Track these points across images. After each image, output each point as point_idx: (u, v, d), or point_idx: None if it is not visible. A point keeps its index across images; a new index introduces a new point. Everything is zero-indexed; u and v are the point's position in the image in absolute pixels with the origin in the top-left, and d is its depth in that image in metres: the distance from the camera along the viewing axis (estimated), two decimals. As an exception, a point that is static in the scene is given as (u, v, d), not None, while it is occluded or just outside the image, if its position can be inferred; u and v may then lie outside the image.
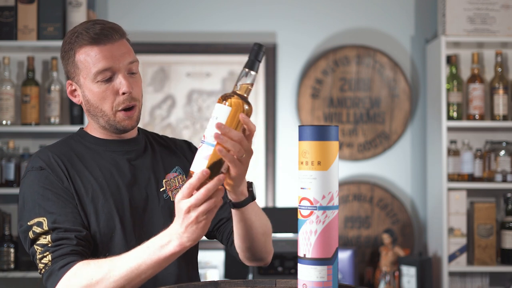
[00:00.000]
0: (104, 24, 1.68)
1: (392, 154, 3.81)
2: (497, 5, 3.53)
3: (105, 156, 1.72)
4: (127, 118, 1.68)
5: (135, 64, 1.70)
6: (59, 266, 1.51)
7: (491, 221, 3.51)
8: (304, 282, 1.33)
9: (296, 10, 3.81)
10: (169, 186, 1.76)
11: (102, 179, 1.67)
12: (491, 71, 3.68)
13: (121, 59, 1.66)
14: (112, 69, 1.65)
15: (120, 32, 1.70)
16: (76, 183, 1.64)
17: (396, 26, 3.82)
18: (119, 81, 1.66)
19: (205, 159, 1.37)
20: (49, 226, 1.56)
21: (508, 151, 3.55)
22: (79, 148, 1.72)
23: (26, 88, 3.46)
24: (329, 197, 1.33)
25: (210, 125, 1.39)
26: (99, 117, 1.69)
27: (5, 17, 3.43)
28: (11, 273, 3.36)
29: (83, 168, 1.67)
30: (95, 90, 1.67)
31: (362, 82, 3.78)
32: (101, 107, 1.67)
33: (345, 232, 3.74)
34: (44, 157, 1.66)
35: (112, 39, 1.67)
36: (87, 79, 1.68)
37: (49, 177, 1.62)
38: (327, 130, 1.33)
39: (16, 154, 3.47)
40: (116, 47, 1.67)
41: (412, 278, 3.47)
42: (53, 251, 1.54)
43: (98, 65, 1.65)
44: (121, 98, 1.66)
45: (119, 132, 1.72)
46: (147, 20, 3.78)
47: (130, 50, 1.71)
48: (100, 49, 1.66)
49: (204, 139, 1.38)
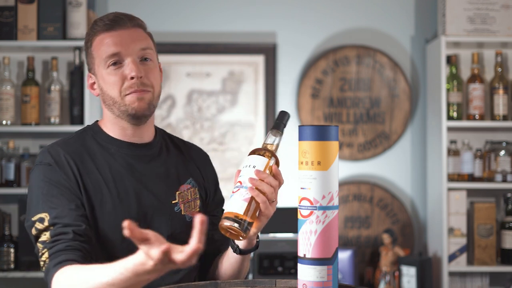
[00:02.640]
0: (119, 13, 1.70)
1: (392, 154, 3.82)
2: (497, 5, 3.53)
3: (117, 158, 1.69)
4: (136, 98, 1.64)
5: (149, 52, 1.68)
6: (53, 264, 1.50)
7: (491, 221, 3.51)
8: (304, 282, 1.33)
9: (296, 10, 3.81)
10: (182, 198, 1.74)
11: (112, 183, 1.65)
12: (491, 71, 3.68)
13: (131, 45, 1.65)
14: (121, 54, 1.65)
15: (133, 21, 1.70)
16: (87, 184, 1.63)
17: (396, 26, 3.82)
18: (127, 66, 1.64)
19: (245, 201, 1.49)
20: (50, 222, 1.56)
21: (508, 151, 3.55)
22: (92, 145, 1.69)
23: (26, 88, 3.46)
24: (329, 197, 1.33)
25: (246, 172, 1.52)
26: (112, 106, 1.67)
27: (5, 17, 3.43)
28: (11, 273, 3.36)
29: (93, 169, 1.65)
30: (105, 77, 1.66)
31: (362, 82, 3.78)
32: (110, 93, 1.65)
33: (345, 232, 3.74)
34: (54, 153, 1.64)
35: (123, 25, 1.67)
36: (100, 67, 1.67)
37: (56, 174, 1.61)
38: (327, 130, 1.33)
39: (16, 154, 3.47)
40: (127, 33, 1.67)
41: (412, 278, 3.47)
42: (50, 247, 1.53)
43: (107, 51, 1.65)
44: (128, 83, 1.64)
45: (134, 119, 1.67)
46: (147, 20, 3.74)
47: (145, 38, 1.70)
48: (111, 35, 1.66)
49: (241, 185, 1.51)
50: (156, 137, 1.77)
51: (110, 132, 1.71)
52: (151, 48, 1.69)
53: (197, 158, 1.83)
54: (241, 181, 1.51)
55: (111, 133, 1.71)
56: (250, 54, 3.75)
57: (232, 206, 1.50)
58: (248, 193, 1.49)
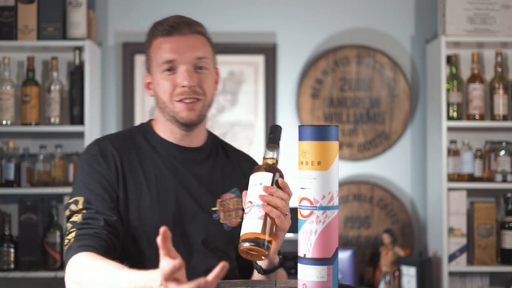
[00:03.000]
0: (179, 18, 1.72)
1: (392, 154, 3.81)
2: (497, 5, 3.53)
3: (163, 158, 1.72)
4: (185, 109, 1.67)
5: (205, 61, 1.69)
6: (76, 245, 1.54)
7: (491, 221, 3.51)
8: (304, 282, 1.33)
9: (296, 10, 3.81)
10: (223, 207, 1.74)
11: (153, 182, 1.68)
12: (491, 71, 3.68)
13: (186, 53, 1.67)
14: (176, 61, 1.67)
15: (193, 27, 1.71)
16: (128, 180, 1.67)
17: (396, 26, 3.82)
18: (180, 74, 1.67)
19: (260, 219, 1.47)
20: (83, 205, 1.61)
21: (508, 151, 3.55)
22: (141, 143, 1.73)
23: (26, 88, 3.46)
24: (329, 197, 1.33)
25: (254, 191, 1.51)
26: (163, 109, 1.70)
27: (5, 17, 3.43)
28: (11, 273, 3.36)
29: (138, 166, 1.69)
30: (159, 81, 1.69)
31: (362, 82, 3.78)
32: (162, 97, 1.69)
33: (345, 232, 3.74)
34: (102, 145, 1.70)
35: (181, 32, 1.69)
36: (155, 70, 1.70)
37: (98, 164, 1.66)
38: (327, 130, 1.33)
39: (16, 154, 3.47)
40: (184, 40, 1.68)
41: (412, 278, 3.47)
42: (79, 228, 1.58)
43: (163, 56, 1.67)
44: (179, 90, 1.67)
45: (183, 126, 1.70)
46: (147, 20, 3.76)
47: (202, 45, 1.70)
48: (169, 40, 1.68)
49: (252, 204, 1.49)
50: (207, 142, 1.79)
51: (161, 132, 1.75)
52: (207, 57, 1.70)
53: (245, 168, 1.82)
54: (251, 201, 1.50)
55: (161, 134, 1.75)
56: (250, 54, 3.75)
57: (248, 227, 1.47)
58: (261, 211, 1.47)
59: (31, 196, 3.43)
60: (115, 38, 3.76)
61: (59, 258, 3.42)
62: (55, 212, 3.43)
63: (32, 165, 3.48)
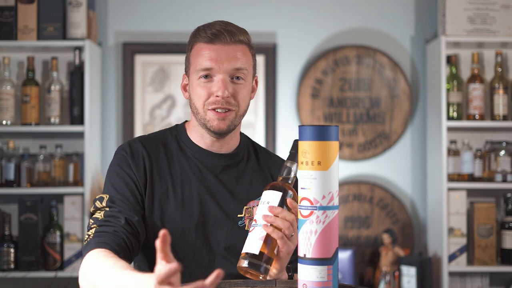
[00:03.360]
0: (224, 25, 1.70)
1: (392, 154, 3.82)
2: (497, 5, 3.53)
3: (191, 163, 1.73)
4: (217, 118, 1.68)
5: (243, 72, 1.70)
6: (94, 241, 1.56)
7: (491, 221, 3.51)
8: (304, 282, 1.33)
9: (296, 10, 3.81)
10: (249, 214, 1.74)
11: (179, 187, 1.69)
12: (491, 71, 3.68)
13: (225, 63, 1.67)
14: (213, 70, 1.68)
15: (236, 37, 1.70)
16: (155, 184, 1.69)
17: (396, 26, 3.82)
18: (216, 83, 1.68)
19: (260, 240, 1.47)
20: (107, 203, 1.64)
21: (508, 151, 3.55)
22: (172, 145, 1.75)
23: (26, 88, 3.46)
24: (329, 197, 1.33)
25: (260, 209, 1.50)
26: (195, 114, 1.72)
27: (5, 17, 3.43)
28: (11, 273, 3.36)
29: (166, 170, 1.71)
30: (195, 86, 1.70)
31: (362, 82, 3.78)
32: (196, 103, 1.70)
33: (345, 232, 3.74)
34: (133, 146, 1.72)
35: (223, 41, 1.68)
36: (193, 75, 1.71)
37: (127, 165, 1.69)
38: (327, 130, 1.33)
39: (16, 154, 3.47)
40: (225, 49, 1.68)
41: (412, 278, 3.47)
42: (99, 225, 1.61)
43: (202, 64, 1.68)
44: (213, 99, 1.68)
45: (213, 134, 1.71)
46: (147, 20, 3.78)
47: (242, 56, 1.70)
48: (209, 48, 1.69)
49: (256, 223, 1.49)
50: (238, 148, 1.79)
51: (192, 136, 1.76)
52: (246, 68, 1.71)
53: (274, 173, 1.82)
54: (256, 219, 1.49)
55: (193, 137, 1.76)
56: (250, 54, 3.75)
57: (248, 246, 1.48)
58: (263, 231, 1.47)
59: (31, 196, 3.43)
60: (115, 38, 3.76)
61: (59, 258, 3.42)
62: (55, 212, 3.43)
63: (32, 165, 3.48)
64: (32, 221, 3.39)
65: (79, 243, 3.42)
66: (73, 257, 3.42)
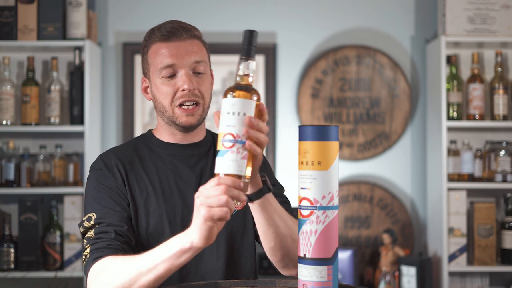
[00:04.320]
0: (177, 23, 1.74)
1: (392, 154, 3.82)
2: (497, 5, 3.53)
3: (165, 160, 1.77)
4: (185, 114, 1.72)
5: (203, 64, 1.74)
6: (92, 258, 1.59)
7: (491, 221, 3.51)
8: (304, 282, 1.33)
9: (296, 10, 3.81)
10: None
11: (158, 183, 1.73)
12: (491, 71, 3.68)
13: (185, 57, 1.71)
14: (176, 66, 1.71)
15: (190, 32, 1.74)
16: (133, 186, 1.72)
17: (396, 26, 3.82)
18: (180, 78, 1.71)
19: (244, 158, 1.36)
20: (95, 221, 1.66)
21: (508, 151, 3.55)
22: (143, 150, 1.79)
23: (26, 88, 3.46)
24: (329, 197, 1.33)
25: (236, 122, 1.35)
26: (162, 113, 1.75)
27: (5, 17, 3.43)
28: (11, 273, 3.36)
29: (141, 171, 1.74)
30: (159, 86, 1.73)
31: (362, 82, 3.78)
32: (162, 102, 1.73)
33: (345, 232, 3.74)
34: (105, 158, 1.75)
35: (180, 37, 1.72)
36: (154, 75, 1.74)
37: (105, 178, 1.71)
38: (327, 130, 1.33)
39: (16, 154, 3.47)
40: (183, 45, 1.72)
41: (412, 278, 3.47)
42: (92, 243, 1.63)
43: (163, 62, 1.71)
44: (180, 94, 1.71)
45: (183, 129, 1.75)
46: (147, 20, 3.78)
47: (200, 50, 1.75)
48: (167, 46, 1.72)
49: (235, 139, 1.35)
50: (206, 137, 1.84)
51: (162, 137, 1.80)
52: (204, 61, 1.75)
53: None
54: (233, 134, 1.35)
55: (162, 138, 1.80)
56: (250, 54, 3.75)
57: (232, 167, 1.35)
58: (245, 149, 1.36)
59: (31, 196, 3.43)
60: (115, 38, 3.76)
61: (59, 258, 3.42)
62: (55, 212, 3.43)
63: (32, 165, 3.48)
64: (32, 221, 3.39)
65: (79, 243, 3.42)
66: (73, 257, 3.42)
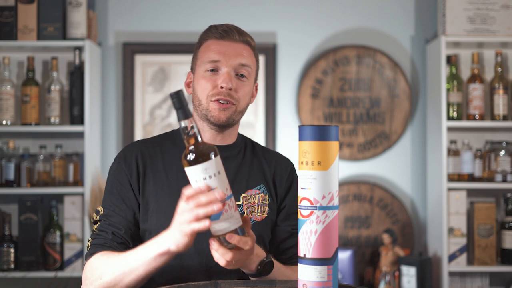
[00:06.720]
0: (234, 26, 1.79)
1: (392, 154, 3.82)
2: (497, 5, 3.53)
3: None
4: (218, 108, 1.73)
5: (247, 69, 1.76)
6: (90, 252, 1.67)
7: (491, 221, 3.51)
8: (304, 282, 1.33)
9: (296, 10, 3.81)
10: (247, 202, 1.77)
11: (174, 179, 1.73)
12: (491, 71, 3.68)
13: (232, 57, 1.74)
14: (220, 63, 1.74)
15: (244, 37, 1.78)
16: (148, 180, 1.74)
17: (396, 26, 3.82)
18: (221, 76, 1.73)
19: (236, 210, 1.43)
20: (101, 216, 1.71)
21: (508, 151, 3.55)
22: (168, 144, 1.80)
23: (26, 88, 3.46)
24: (329, 197, 1.33)
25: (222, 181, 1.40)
26: (197, 107, 1.76)
27: (5, 17, 3.43)
28: (11, 273, 3.36)
29: (161, 167, 1.75)
30: (200, 79, 1.75)
31: (362, 82, 3.78)
32: (199, 95, 1.75)
33: (345, 232, 3.74)
34: (127, 150, 1.78)
35: (232, 38, 1.76)
36: (199, 68, 1.77)
37: (121, 172, 1.74)
38: (327, 130, 1.33)
39: (16, 154, 3.47)
40: (233, 46, 1.75)
41: (412, 278, 3.47)
42: (93, 238, 1.70)
43: (210, 56, 1.74)
44: (216, 91, 1.73)
45: (214, 127, 1.76)
46: (147, 20, 3.78)
47: (248, 56, 1.77)
48: (218, 43, 1.75)
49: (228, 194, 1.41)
50: (236, 142, 1.84)
51: None
52: (250, 67, 1.77)
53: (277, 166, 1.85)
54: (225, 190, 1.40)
55: None
56: (250, 54, 3.75)
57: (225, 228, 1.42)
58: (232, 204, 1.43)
59: (31, 196, 3.43)
60: (115, 38, 3.76)
61: (59, 258, 3.42)
62: (55, 212, 3.43)
63: (32, 165, 3.48)
64: (32, 221, 3.39)
65: (79, 243, 3.42)
66: (73, 257, 3.42)
